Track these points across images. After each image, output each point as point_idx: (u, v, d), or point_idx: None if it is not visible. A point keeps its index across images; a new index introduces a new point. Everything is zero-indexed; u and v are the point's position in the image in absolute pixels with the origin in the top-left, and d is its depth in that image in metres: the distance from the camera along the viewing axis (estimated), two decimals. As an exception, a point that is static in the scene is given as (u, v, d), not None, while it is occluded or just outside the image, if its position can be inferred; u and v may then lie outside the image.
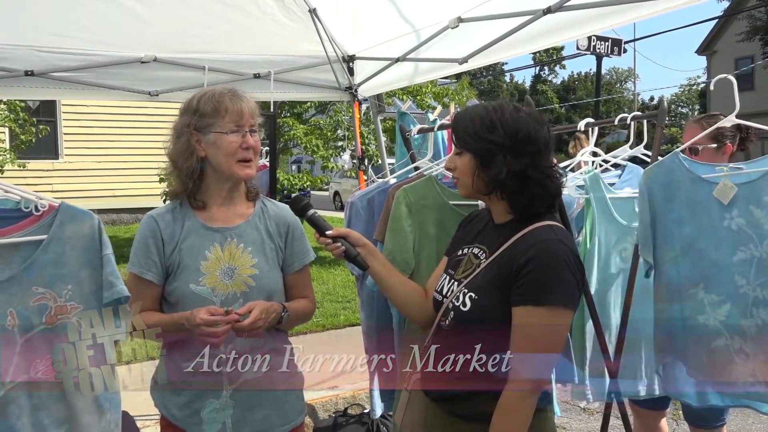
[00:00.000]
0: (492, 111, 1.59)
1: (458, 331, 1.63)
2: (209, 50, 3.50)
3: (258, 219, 1.92)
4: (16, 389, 1.35)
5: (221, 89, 1.86)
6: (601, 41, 14.45)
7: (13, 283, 1.34)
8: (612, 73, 49.35)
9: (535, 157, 1.57)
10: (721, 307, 2.02)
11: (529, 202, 1.58)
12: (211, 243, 1.83)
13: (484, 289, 1.58)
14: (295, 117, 11.03)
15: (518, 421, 1.50)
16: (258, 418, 1.85)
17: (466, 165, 1.62)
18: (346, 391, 4.35)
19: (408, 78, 3.68)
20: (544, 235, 1.54)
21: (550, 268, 1.49)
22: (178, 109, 1.90)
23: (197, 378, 1.80)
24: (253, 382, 1.84)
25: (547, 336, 1.50)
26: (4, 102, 9.76)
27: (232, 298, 1.81)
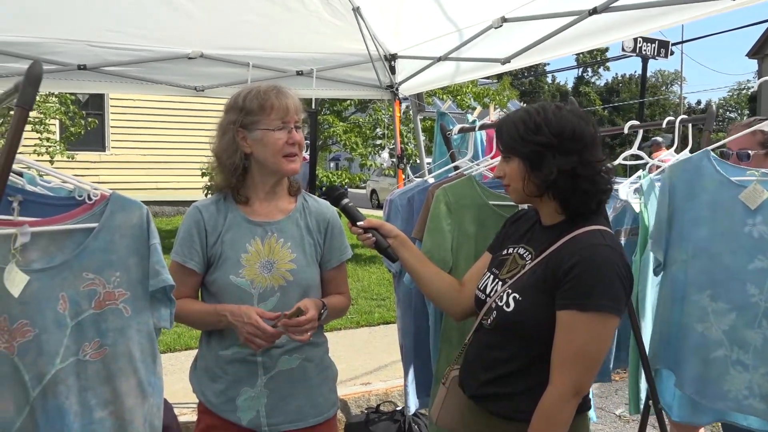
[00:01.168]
0: (534, 113, 1.58)
1: (500, 331, 1.63)
2: (253, 47, 3.56)
3: (299, 215, 1.95)
4: (65, 370, 1.40)
5: (266, 86, 1.88)
6: (647, 43, 14.16)
7: (65, 268, 1.40)
8: (657, 75, 48.23)
9: (583, 153, 1.55)
10: (726, 316, 1.95)
11: (581, 200, 1.57)
12: (252, 236, 1.87)
13: (529, 290, 1.57)
14: (335, 114, 11.11)
15: (558, 425, 1.49)
16: (291, 408, 1.89)
17: (516, 170, 1.61)
18: (379, 388, 4.37)
19: (449, 77, 3.68)
20: (592, 239, 1.53)
21: (597, 273, 1.48)
22: (222, 105, 1.93)
23: (233, 366, 1.85)
24: (287, 372, 1.87)
25: (591, 342, 1.48)
26: (55, 95, 10.09)
27: (269, 291, 1.85)
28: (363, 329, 5.99)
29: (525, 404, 1.54)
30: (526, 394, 1.56)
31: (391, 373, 4.60)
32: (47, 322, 1.38)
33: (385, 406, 3.94)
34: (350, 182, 11.01)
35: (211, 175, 1.99)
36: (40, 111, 9.99)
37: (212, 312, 1.82)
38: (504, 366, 1.62)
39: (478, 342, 1.71)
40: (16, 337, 1.35)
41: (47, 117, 10.08)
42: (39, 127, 10.08)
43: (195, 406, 1.97)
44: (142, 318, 1.49)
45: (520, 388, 1.59)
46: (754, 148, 2.34)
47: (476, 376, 1.68)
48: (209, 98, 3.90)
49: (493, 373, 1.63)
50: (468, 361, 1.74)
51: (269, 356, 1.85)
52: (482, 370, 1.67)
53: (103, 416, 1.45)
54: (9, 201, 1.37)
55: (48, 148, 10.29)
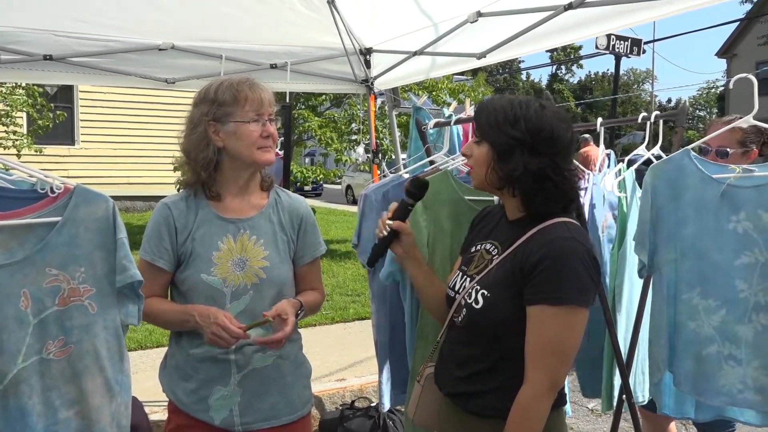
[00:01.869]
0: (517, 105, 1.56)
1: (471, 328, 1.62)
2: (226, 39, 3.49)
3: (272, 210, 1.92)
4: (28, 369, 1.35)
5: (238, 78, 1.84)
6: (620, 41, 14.33)
7: (27, 264, 1.35)
8: (629, 74, 48.96)
9: (555, 158, 1.53)
10: (717, 312, 1.97)
11: (543, 203, 1.56)
12: (224, 234, 1.83)
13: (497, 286, 1.56)
14: (310, 109, 11.04)
15: (534, 420, 1.48)
16: (265, 406, 1.86)
17: (483, 155, 1.60)
18: (354, 384, 4.36)
19: (425, 72, 3.66)
20: (558, 232, 1.52)
21: (564, 266, 1.47)
22: (192, 100, 1.88)
23: (205, 365, 1.81)
24: (261, 370, 1.84)
25: (562, 335, 1.48)
26: (22, 87, 9.85)
27: (242, 289, 1.82)
28: (337, 325, 5.97)
29: (499, 401, 1.53)
30: (499, 391, 1.55)
31: (365, 369, 4.59)
32: (8, 320, 1.33)
33: (360, 402, 3.92)
34: (325, 178, 10.97)
35: (182, 170, 1.93)
36: (7, 103, 9.74)
37: (180, 312, 1.78)
38: (477, 363, 1.61)
39: (451, 339, 1.70)
40: (-26, 335, 1.29)
41: (14, 110, 9.84)
42: (5, 120, 9.83)
43: (165, 405, 1.93)
44: (108, 315, 1.44)
45: (494, 385, 1.58)
46: (733, 146, 2.37)
47: (451, 373, 1.68)
48: (181, 92, 3.83)
49: (466, 371, 1.63)
50: (442, 359, 1.73)
51: (242, 354, 1.81)
52: (456, 367, 1.66)
53: (68, 416, 1.41)
54: (-35, 194, 1.32)
55: (15, 142, 10.05)
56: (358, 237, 2.55)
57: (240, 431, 1.83)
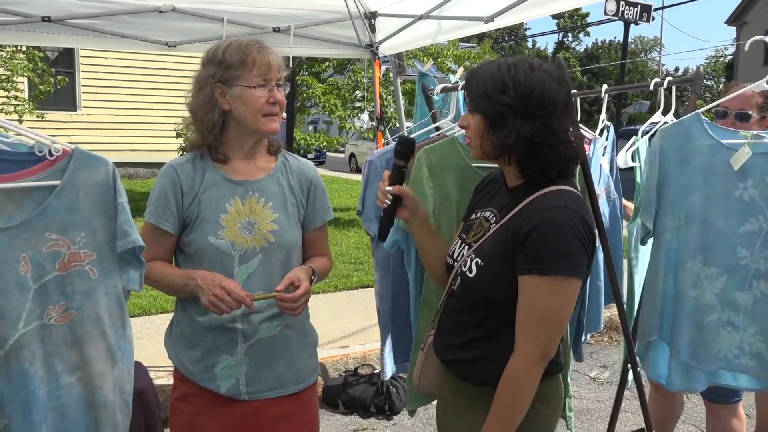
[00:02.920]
0: (505, 69, 1.49)
1: (465, 297, 1.60)
2: (228, 1, 3.42)
3: (280, 173, 1.88)
4: (29, 335, 1.34)
5: (248, 40, 1.77)
6: (630, 7, 14.06)
7: (26, 228, 1.32)
8: (637, 41, 48.28)
9: (548, 120, 1.47)
10: (718, 279, 1.97)
11: (539, 169, 1.51)
12: (231, 196, 1.79)
13: (491, 256, 1.54)
14: (314, 76, 10.92)
15: (523, 391, 1.47)
16: (271, 375, 1.84)
17: (476, 126, 1.55)
18: (357, 351, 4.38)
19: (431, 36, 3.59)
20: (551, 201, 1.48)
21: (555, 236, 1.43)
22: (197, 63, 1.82)
23: (212, 333, 1.79)
24: (268, 339, 1.82)
25: (553, 306, 1.46)
26: (22, 51, 9.74)
27: (251, 252, 1.79)
28: (341, 293, 5.98)
29: (492, 369, 1.52)
30: (493, 358, 1.54)
31: (368, 336, 4.60)
32: (8, 285, 1.31)
33: (363, 369, 3.95)
34: (329, 145, 10.90)
35: (185, 134, 1.89)
36: (7, 68, 9.64)
37: (182, 275, 1.74)
38: (471, 331, 1.60)
39: (448, 307, 1.69)
40: (-26, 300, 1.28)
41: (15, 74, 9.75)
42: (6, 84, 9.75)
43: (171, 370, 1.92)
44: (110, 280, 1.42)
45: (488, 352, 1.57)
46: (751, 110, 2.31)
47: (446, 341, 1.67)
48: (184, 56, 3.77)
49: (461, 338, 1.62)
50: (440, 327, 1.72)
51: (249, 323, 1.79)
52: (451, 335, 1.65)
53: (70, 382, 1.40)
54: (-39, 156, 1.29)
55: (16, 107, 9.97)
56: (363, 204, 2.52)
57: (246, 400, 1.82)
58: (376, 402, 3.69)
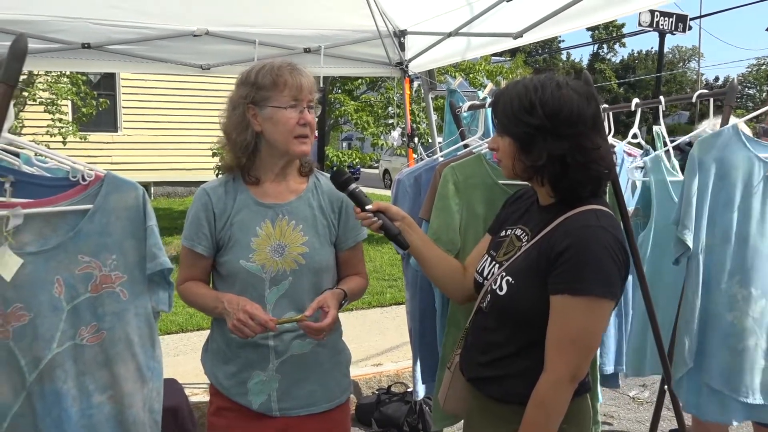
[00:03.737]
0: (532, 89, 1.48)
1: (495, 315, 1.59)
2: (260, 24, 3.48)
3: (311, 195, 1.89)
4: (62, 354, 1.37)
5: (280, 62, 1.80)
6: (664, 17, 13.84)
7: (61, 250, 1.36)
8: (674, 51, 47.38)
9: (579, 138, 1.45)
10: (757, 303, 1.87)
11: (571, 188, 1.49)
12: (262, 219, 1.81)
13: (522, 274, 1.52)
14: (347, 93, 11.01)
15: (553, 412, 1.45)
16: (303, 393, 1.85)
17: (506, 148, 1.54)
18: (390, 369, 4.36)
19: (460, 53, 3.59)
20: (585, 220, 1.46)
21: (589, 256, 1.41)
22: (231, 84, 1.86)
23: (245, 350, 1.81)
24: (299, 357, 1.83)
25: (584, 327, 1.43)
26: (66, 75, 10.08)
27: (281, 275, 1.80)
28: (374, 310, 5.98)
29: (520, 387, 1.50)
30: (521, 377, 1.52)
31: (402, 354, 4.58)
32: (42, 306, 1.35)
33: (396, 387, 3.92)
34: (361, 162, 10.97)
35: (221, 153, 1.92)
36: (52, 92, 9.99)
37: (213, 297, 1.77)
38: (499, 349, 1.58)
39: (476, 325, 1.67)
40: (10, 321, 1.32)
41: (59, 98, 10.08)
42: (51, 108, 10.09)
43: (206, 387, 1.95)
44: (140, 301, 1.45)
45: (515, 371, 1.55)
46: None
47: (474, 359, 1.65)
48: (218, 77, 3.84)
49: (489, 356, 1.60)
50: (467, 345, 1.70)
51: (281, 340, 1.81)
52: (479, 353, 1.63)
53: (101, 400, 1.43)
54: (1, 182, 1.33)
55: (60, 129, 10.31)
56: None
57: (277, 416, 1.83)
58: (409, 421, 3.66)
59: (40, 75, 9.81)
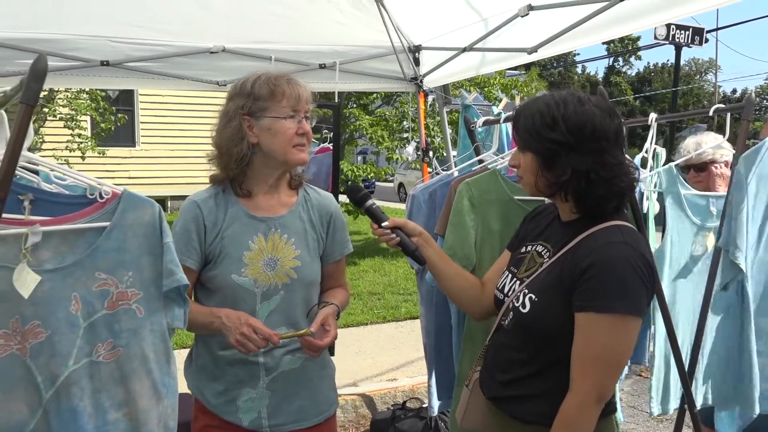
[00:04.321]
0: (554, 105, 1.48)
1: (518, 333, 1.57)
2: (275, 40, 3.51)
3: (301, 208, 1.88)
4: (79, 371, 1.37)
5: (276, 73, 1.79)
6: (680, 30, 13.78)
7: (78, 268, 1.37)
8: (691, 64, 47.08)
9: (603, 154, 1.45)
10: None
11: (595, 203, 1.49)
12: (255, 233, 1.80)
13: (545, 291, 1.50)
14: (362, 108, 11.06)
15: None
16: (293, 408, 1.85)
17: (528, 164, 1.54)
18: (405, 384, 4.34)
19: (474, 68, 3.59)
20: (609, 237, 1.44)
21: (615, 272, 1.39)
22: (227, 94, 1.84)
23: (234, 367, 1.80)
24: (289, 373, 1.83)
25: (611, 345, 1.41)
26: (86, 92, 10.24)
27: (273, 289, 1.80)
28: (389, 324, 5.96)
29: (543, 407, 1.48)
30: (544, 397, 1.50)
31: (417, 369, 4.56)
32: (60, 323, 1.35)
33: (412, 402, 3.90)
34: (376, 176, 10.97)
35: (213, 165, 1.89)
36: (72, 108, 10.15)
37: (206, 313, 1.74)
38: (521, 368, 1.56)
39: (497, 343, 1.65)
40: (28, 338, 1.33)
41: (78, 113, 10.24)
42: (71, 123, 10.24)
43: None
44: (155, 318, 1.45)
45: (538, 390, 1.52)
46: None
47: (495, 377, 1.63)
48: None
49: (510, 375, 1.58)
50: (487, 363, 1.68)
51: (272, 357, 1.80)
52: (500, 371, 1.61)
53: (117, 417, 1.43)
54: (20, 200, 1.35)
55: (80, 145, 10.46)
56: (406, 237, 2.52)
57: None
58: (424, 437, 3.63)
59: (60, 91, 9.98)
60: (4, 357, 1.30)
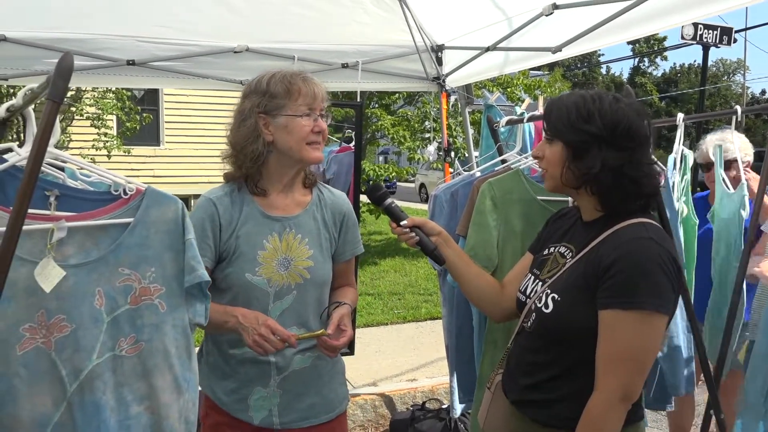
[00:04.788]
0: (590, 100, 1.48)
1: (541, 334, 1.55)
2: (298, 40, 3.53)
3: (315, 208, 1.88)
4: (102, 365, 1.39)
5: (291, 71, 1.79)
6: (708, 30, 13.52)
7: (102, 263, 1.38)
8: (719, 64, 46.30)
9: (634, 152, 1.45)
10: None
11: (622, 200, 1.47)
12: (269, 232, 1.80)
13: (568, 290, 1.48)
14: (384, 108, 11.07)
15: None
16: (304, 406, 1.85)
17: (557, 155, 1.52)
18: (425, 385, 4.32)
19: (498, 68, 3.57)
20: (634, 233, 1.43)
21: (639, 268, 1.37)
22: (241, 92, 1.84)
23: (245, 366, 1.81)
24: (300, 371, 1.84)
25: (636, 343, 1.38)
26: (112, 91, 10.38)
27: (286, 289, 1.80)
28: (409, 324, 5.95)
29: (567, 411, 1.46)
30: (567, 400, 1.48)
31: (437, 370, 4.54)
32: (84, 318, 1.37)
33: (431, 403, 3.88)
34: (398, 176, 10.97)
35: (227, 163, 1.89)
36: (99, 107, 10.30)
37: (221, 312, 1.72)
38: (544, 371, 1.54)
39: (520, 346, 1.63)
40: (53, 332, 1.34)
41: (105, 113, 10.39)
42: (97, 122, 10.39)
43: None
44: (177, 314, 1.47)
45: (561, 394, 1.50)
46: None
47: (517, 381, 1.61)
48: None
49: (533, 378, 1.56)
50: (510, 366, 1.67)
51: (283, 356, 1.80)
52: (523, 375, 1.59)
53: (139, 411, 1.44)
54: (46, 195, 1.37)
55: (105, 143, 10.60)
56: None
57: (279, 430, 1.83)
58: (443, 438, 3.61)
59: (87, 91, 10.13)
60: (29, 350, 1.32)
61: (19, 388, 1.31)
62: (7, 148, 1.40)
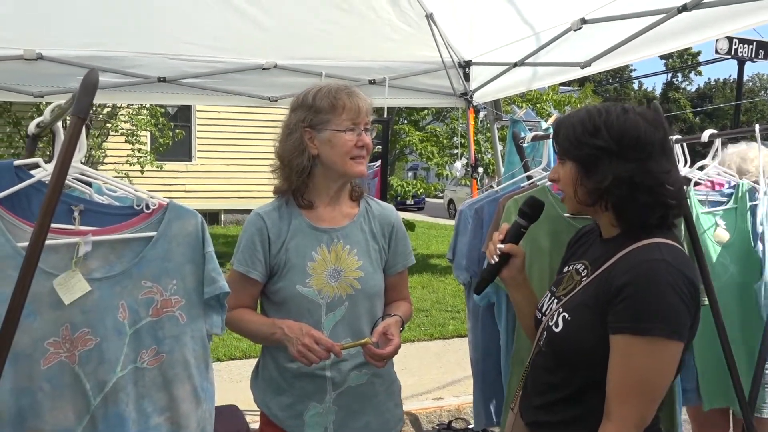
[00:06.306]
0: (596, 114, 1.45)
1: (551, 353, 1.51)
2: (326, 56, 3.56)
3: (363, 219, 1.89)
4: (125, 378, 1.40)
5: (336, 85, 1.81)
6: (744, 44, 13.27)
7: (125, 276, 1.40)
8: (755, 79, 45.38)
9: (645, 162, 1.39)
10: None
11: (638, 213, 1.41)
12: (318, 243, 1.81)
13: (579, 310, 1.44)
14: (412, 124, 11.11)
15: None
16: (359, 424, 1.83)
17: (568, 174, 1.49)
18: (451, 403, 4.27)
19: (525, 83, 3.55)
20: (648, 254, 1.36)
21: (651, 292, 1.31)
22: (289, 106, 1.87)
23: (301, 380, 1.80)
24: (356, 388, 1.82)
25: (649, 371, 1.32)
26: (146, 108, 10.62)
27: (337, 300, 1.80)
28: (436, 342, 5.90)
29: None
30: (579, 422, 1.43)
31: (463, 388, 4.48)
32: (108, 331, 1.38)
33: (457, 422, 3.83)
34: (426, 192, 10.97)
35: (275, 176, 1.93)
36: (133, 123, 10.54)
37: (268, 324, 1.77)
38: (554, 392, 1.49)
39: (536, 365, 1.59)
40: (77, 346, 1.36)
41: (139, 129, 10.63)
42: (132, 138, 10.64)
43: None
44: (196, 325, 1.48)
45: (571, 417, 1.46)
46: None
47: (531, 401, 1.57)
48: (286, 109, 3.94)
49: (544, 399, 1.52)
50: (527, 386, 1.62)
51: (338, 371, 1.79)
52: (536, 395, 1.55)
53: (159, 422, 1.45)
54: (71, 210, 1.39)
55: (139, 159, 10.83)
56: (453, 252, 2.50)
57: None
58: (469, 458, 3.56)
59: (123, 108, 10.38)
60: (53, 365, 1.34)
61: (42, 403, 1.33)
62: (35, 164, 1.43)
